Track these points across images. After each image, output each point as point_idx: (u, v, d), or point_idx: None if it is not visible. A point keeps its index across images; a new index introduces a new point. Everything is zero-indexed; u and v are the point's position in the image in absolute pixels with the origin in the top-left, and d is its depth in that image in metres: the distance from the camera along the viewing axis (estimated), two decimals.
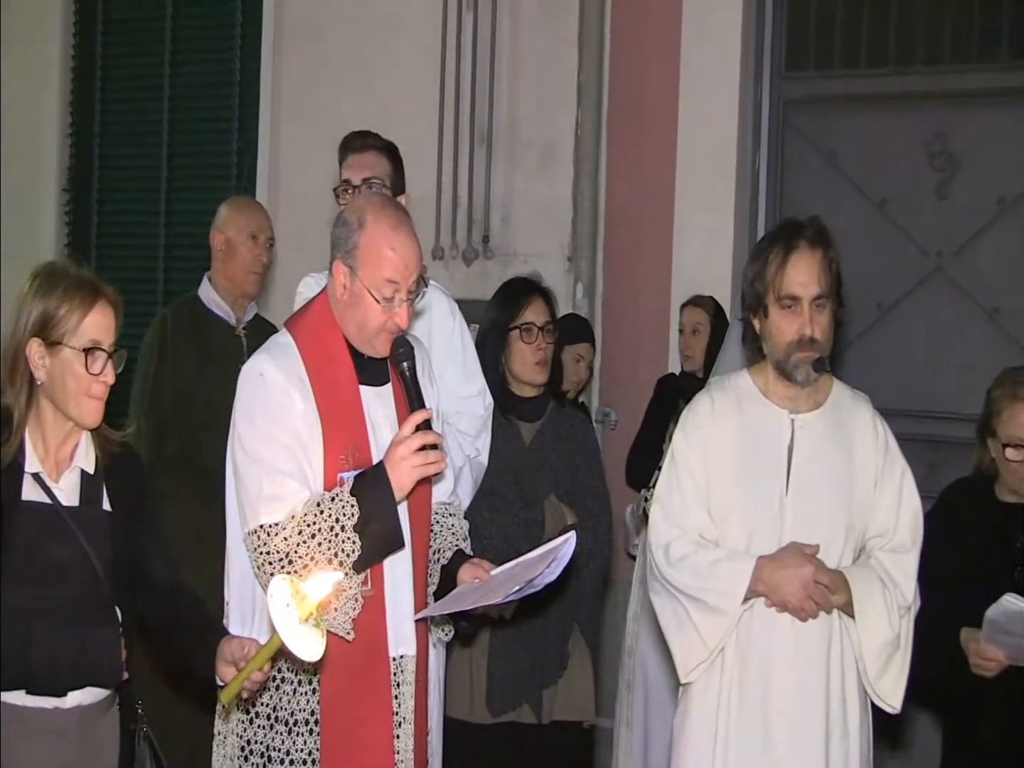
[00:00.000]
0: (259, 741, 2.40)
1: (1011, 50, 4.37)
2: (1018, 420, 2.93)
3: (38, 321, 2.29)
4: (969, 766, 2.98)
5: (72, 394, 2.30)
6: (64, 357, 2.29)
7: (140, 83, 5.70)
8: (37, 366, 2.30)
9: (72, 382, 2.29)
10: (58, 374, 2.30)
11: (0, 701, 2.25)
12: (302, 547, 2.28)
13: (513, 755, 3.20)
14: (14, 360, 2.31)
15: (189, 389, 3.65)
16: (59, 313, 2.28)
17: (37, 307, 2.29)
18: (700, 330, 4.16)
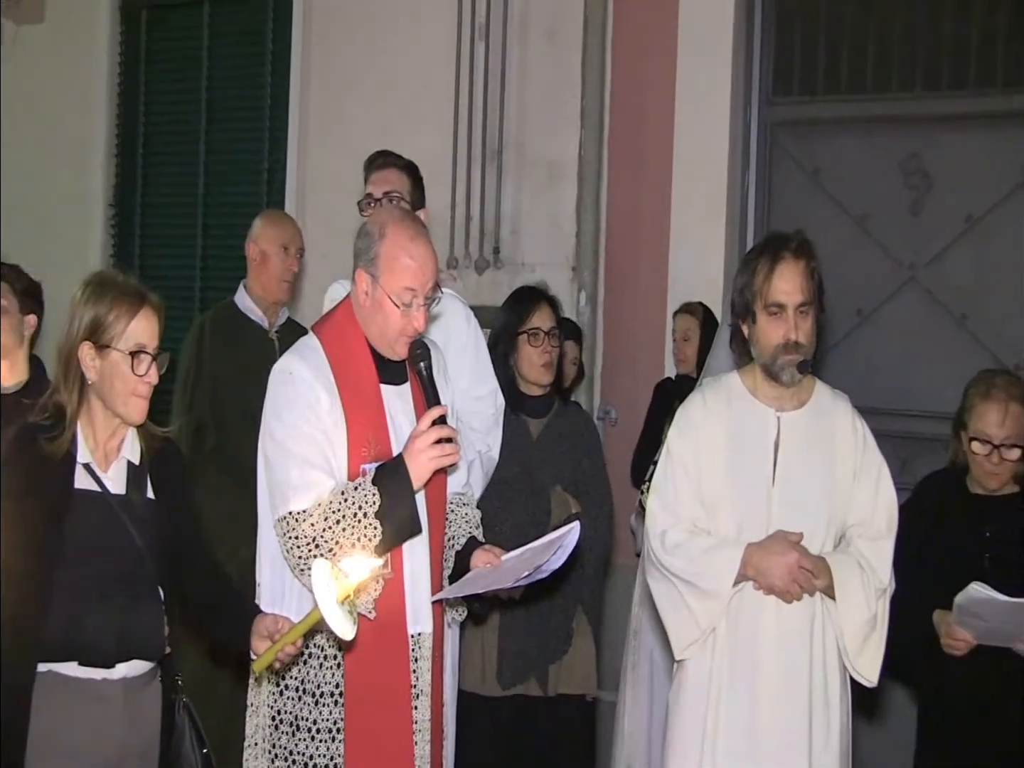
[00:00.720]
0: (288, 711, 2.40)
1: (977, 78, 4.36)
2: (986, 418, 2.92)
3: (89, 326, 2.30)
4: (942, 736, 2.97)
5: (119, 393, 2.31)
6: (112, 359, 2.30)
7: (179, 109, 5.71)
8: (88, 367, 2.31)
9: (119, 382, 2.30)
10: (107, 375, 2.30)
11: (54, 672, 2.26)
12: (328, 532, 2.29)
13: (521, 725, 3.21)
14: (67, 361, 2.32)
15: (226, 388, 3.64)
16: (108, 319, 2.30)
17: (88, 313, 2.31)
18: (691, 336, 4.15)
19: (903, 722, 3.53)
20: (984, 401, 2.94)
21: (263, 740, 2.42)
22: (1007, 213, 4.31)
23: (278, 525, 2.38)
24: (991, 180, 4.31)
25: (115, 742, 2.30)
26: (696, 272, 4.43)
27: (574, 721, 3.28)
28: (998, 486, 2.96)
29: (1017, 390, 2.95)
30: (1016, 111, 4.30)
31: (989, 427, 2.90)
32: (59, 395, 2.32)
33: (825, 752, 2.55)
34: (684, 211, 4.50)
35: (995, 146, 4.32)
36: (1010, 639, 2.80)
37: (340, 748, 2.36)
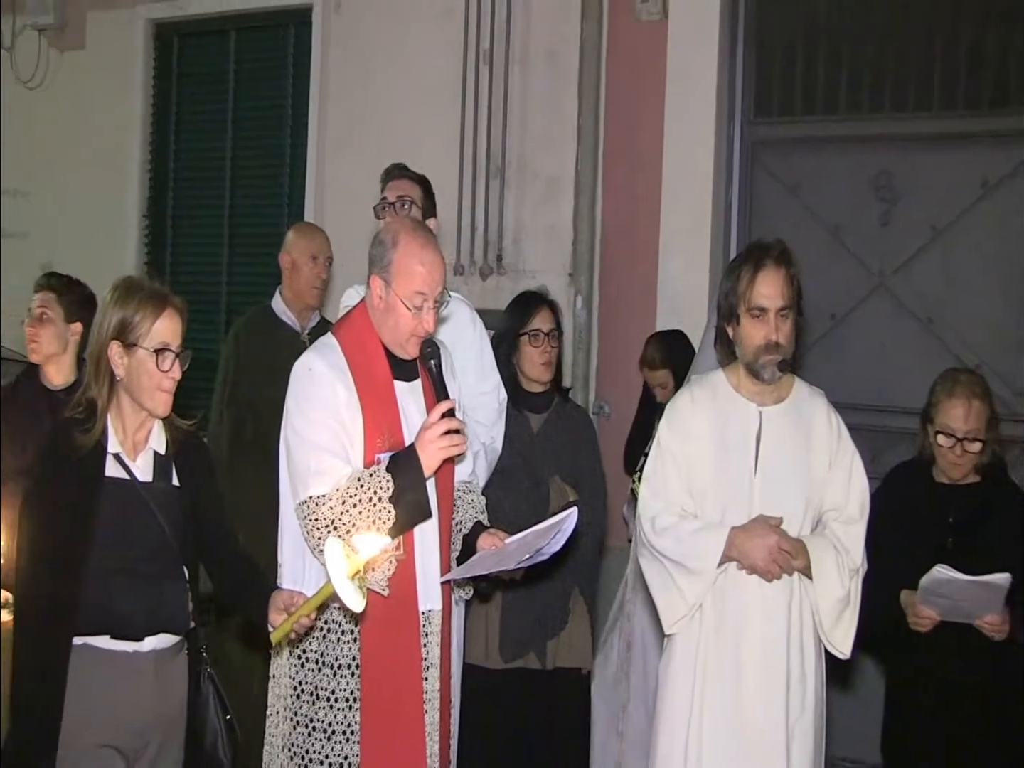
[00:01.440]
0: (308, 682, 2.39)
1: (940, 102, 4.35)
2: (951, 413, 2.91)
3: (117, 326, 2.30)
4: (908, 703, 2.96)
5: (146, 388, 2.31)
6: (139, 357, 2.30)
7: (207, 127, 5.68)
8: (117, 364, 2.31)
9: (146, 378, 2.30)
10: (134, 371, 2.31)
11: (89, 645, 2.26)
12: (345, 515, 2.28)
13: (521, 696, 3.19)
14: (98, 360, 2.32)
15: (262, 385, 3.60)
16: (134, 319, 2.30)
17: (117, 315, 2.31)
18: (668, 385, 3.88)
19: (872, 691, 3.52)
20: (949, 398, 2.93)
21: (284, 708, 2.41)
22: (968, 224, 4.30)
23: (299, 509, 2.37)
24: (953, 194, 4.30)
25: (146, 709, 2.30)
26: (683, 278, 4.41)
27: (570, 692, 3.27)
28: (961, 476, 2.95)
29: (979, 388, 2.94)
30: (975, 132, 4.29)
31: (954, 422, 2.90)
32: (91, 391, 2.32)
33: (802, 717, 2.55)
34: (672, 222, 4.48)
35: (957, 163, 4.30)
36: (970, 616, 2.79)
37: (356, 716, 2.34)
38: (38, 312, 3.10)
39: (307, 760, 2.36)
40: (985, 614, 2.77)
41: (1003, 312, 4.23)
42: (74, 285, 3.19)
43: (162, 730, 2.34)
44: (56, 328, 3.11)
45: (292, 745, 2.38)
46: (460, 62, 4.83)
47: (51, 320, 3.10)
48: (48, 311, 3.10)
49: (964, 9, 4.30)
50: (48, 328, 3.09)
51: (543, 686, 3.20)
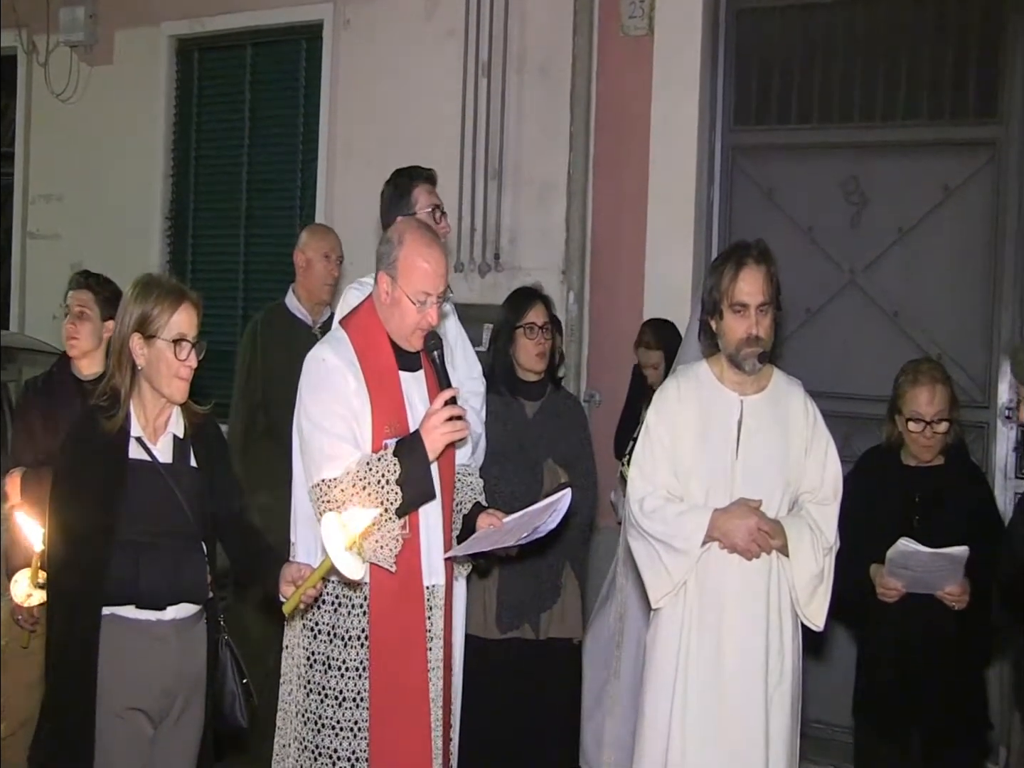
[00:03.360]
0: (321, 652, 2.36)
1: (906, 111, 4.31)
2: (918, 399, 2.89)
3: (138, 320, 2.29)
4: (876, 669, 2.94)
5: (164, 376, 2.29)
6: (158, 347, 2.28)
7: (226, 135, 5.61)
8: (138, 355, 2.29)
9: (164, 366, 2.29)
10: (153, 360, 2.29)
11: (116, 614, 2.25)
12: (355, 497, 2.23)
13: (517, 663, 3.16)
14: (120, 351, 2.31)
15: (277, 377, 3.56)
16: (153, 313, 2.28)
17: (137, 309, 2.30)
18: (659, 366, 3.90)
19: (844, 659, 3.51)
20: (914, 386, 2.91)
21: (298, 677, 2.37)
22: (931, 225, 4.27)
23: (312, 491, 2.33)
24: (918, 197, 4.28)
25: (169, 673, 2.30)
26: (669, 275, 4.38)
27: (562, 661, 3.24)
28: (931, 457, 2.93)
29: (940, 373, 2.93)
30: (938, 140, 4.26)
31: (921, 407, 2.88)
32: (115, 380, 2.31)
33: (780, 685, 2.53)
34: (658, 223, 4.45)
35: (921, 169, 4.28)
36: (933, 587, 2.78)
37: (366, 684, 2.31)
38: (78, 310, 3.05)
39: (319, 725, 2.33)
40: (946, 585, 2.75)
41: (963, 307, 4.21)
42: (107, 283, 3.14)
43: (184, 692, 2.33)
44: (93, 325, 3.07)
45: (305, 711, 2.35)
46: (460, 74, 4.79)
47: (89, 318, 3.06)
48: (87, 309, 3.06)
49: (926, 26, 4.28)
50: (87, 325, 3.05)
51: (537, 655, 3.17)
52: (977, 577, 2.73)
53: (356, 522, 1.94)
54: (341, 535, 1.92)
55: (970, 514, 2.85)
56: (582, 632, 3.32)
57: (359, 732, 2.30)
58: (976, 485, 2.98)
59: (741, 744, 2.47)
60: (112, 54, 5.76)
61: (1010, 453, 4.10)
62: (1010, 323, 4.13)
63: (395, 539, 2.27)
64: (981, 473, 3.10)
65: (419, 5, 4.94)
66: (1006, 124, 4.15)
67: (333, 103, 5.17)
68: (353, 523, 1.94)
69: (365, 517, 1.95)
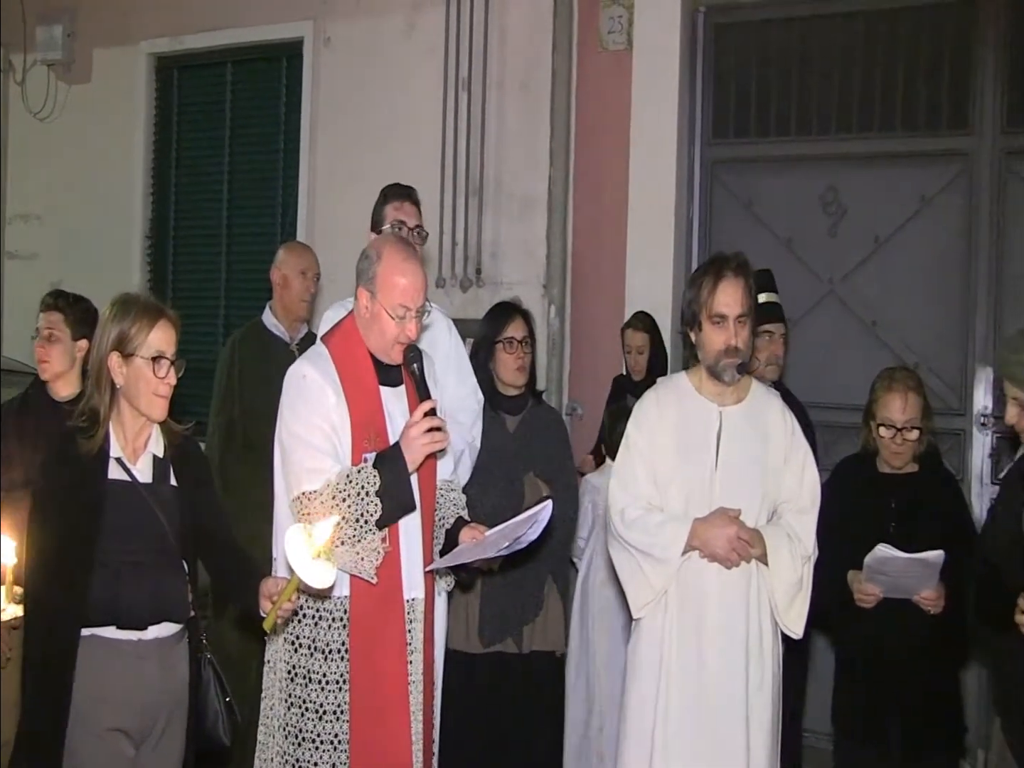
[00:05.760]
0: (302, 665, 2.37)
1: (881, 123, 4.39)
2: (891, 406, 2.92)
3: (116, 338, 2.29)
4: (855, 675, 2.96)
5: (143, 394, 2.30)
6: (136, 365, 2.29)
7: (206, 154, 5.64)
8: (116, 374, 2.30)
9: (143, 384, 2.29)
10: (132, 379, 2.30)
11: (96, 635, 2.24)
12: (335, 509, 2.25)
13: (499, 677, 3.17)
14: (99, 370, 2.31)
15: (254, 393, 3.58)
16: (131, 331, 2.29)
17: (115, 328, 2.30)
18: (644, 349, 4.06)
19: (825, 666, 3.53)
20: (888, 393, 2.94)
21: (280, 691, 2.39)
22: (908, 235, 4.34)
23: (293, 504, 2.35)
24: (894, 208, 4.35)
25: (151, 692, 2.29)
26: (649, 288, 4.42)
27: (545, 674, 3.25)
28: (902, 464, 2.96)
29: (913, 381, 2.97)
30: (913, 151, 4.34)
31: (894, 413, 2.91)
32: (93, 400, 2.31)
33: (760, 691, 2.55)
34: (638, 236, 4.50)
35: (897, 180, 4.35)
36: (909, 592, 2.81)
37: (346, 697, 2.33)
38: (47, 333, 3.05)
39: (300, 739, 2.34)
40: (922, 590, 2.78)
41: (940, 315, 4.27)
42: (79, 303, 3.14)
43: (166, 712, 2.33)
44: (64, 346, 3.06)
45: (287, 725, 2.37)
46: (441, 91, 4.84)
47: (59, 339, 3.06)
48: (56, 331, 3.05)
49: (900, 41, 4.36)
50: (57, 347, 3.05)
51: (520, 668, 3.18)
52: (951, 581, 2.76)
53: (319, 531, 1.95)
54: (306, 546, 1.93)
55: (944, 520, 2.88)
56: (565, 645, 3.33)
57: (339, 745, 2.32)
58: (949, 492, 3.01)
59: (722, 749, 2.50)
60: (90, 72, 5.79)
61: (986, 460, 4.16)
62: (984, 331, 4.19)
63: (376, 551, 2.29)
64: (954, 479, 3.13)
65: (399, 23, 4.99)
66: (978, 135, 4.23)
67: (314, 121, 5.21)
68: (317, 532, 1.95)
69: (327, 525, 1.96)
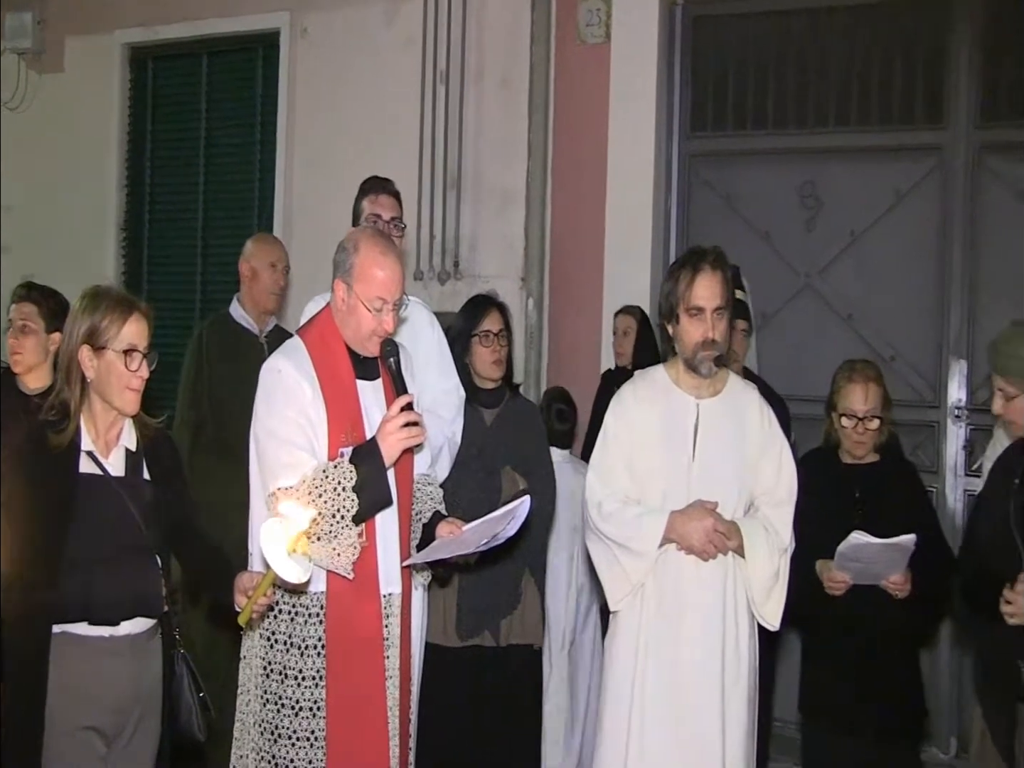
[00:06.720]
0: (278, 661, 2.35)
1: (858, 117, 4.42)
2: (852, 396, 2.96)
3: (87, 332, 2.27)
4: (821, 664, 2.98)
5: (115, 387, 2.28)
6: (108, 358, 2.27)
7: (181, 145, 5.59)
8: (87, 367, 2.27)
9: (115, 378, 2.27)
10: (104, 372, 2.27)
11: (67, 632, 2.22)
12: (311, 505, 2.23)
13: (477, 671, 3.16)
14: (69, 364, 2.29)
15: (223, 386, 3.57)
16: (103, 324, 2.27)
17: (86, 321, 2.28)
18: (630, 332, 4.13)
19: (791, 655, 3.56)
20: (848, 383, 2.98)
21: (255, 687, 2.37)
22: (884, 229, 4.37)
23: (268, 500, 2.33)
24: (870, 202, 4.38)
25: (124, 689, 2.27)
26: (627, 281, 4.43)
27: (522, 667, 3.23)
28: (864, 453, 3.00)
29: (873, 372, 3.01)
30: (889, 145, 4.37)
31: (855, 403, 2.94)
32: (64, 394, 2.29)
33: (736, 684, 2.56)
34: (617, 229, 4.50)
35: (873, 174, 4.38)
36: (878, 577, 2.84)
37: (322, 693, 2.31)
38: (20, 324, 3.00)
39: (276, 735, 2.33)
40: (891, 575, 2.82)
41: (915, 308, 4.31)
42: (52, 295, 3.10)
43: (139, 708, 2.31)
44: (38, 339, 3.02)
45: (262, 721, 2.35)
46: (419, 83, 4.83)
47: (33, 331, 3.01)
48: (30, 323, 3.00)
49: (876, 36, 4.38)
50: (31, 339, 3.00)
51: (497, 662, 3.17)
52: (917, 567, 2.80)
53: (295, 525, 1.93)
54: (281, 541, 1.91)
55: (906, 507, 2.93)
56: (542, 638, 3.33)
57: (316, 742, 2.30)
58: (910, 480, 3.06)
59: (698, 742, 2.51)
60: (63, 62, 5.72)
61: (960, 451, 4.20)
62: (958, 324, 4.23)
63: (352, 547, 2.27)
64: (914, 468, 3.18)
65: (377, 14, 4.97)
66: (952, 130, 4.26)
67: (291, 113, 5.17)
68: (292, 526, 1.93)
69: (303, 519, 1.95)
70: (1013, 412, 2.47)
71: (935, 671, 4.13)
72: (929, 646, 4.09)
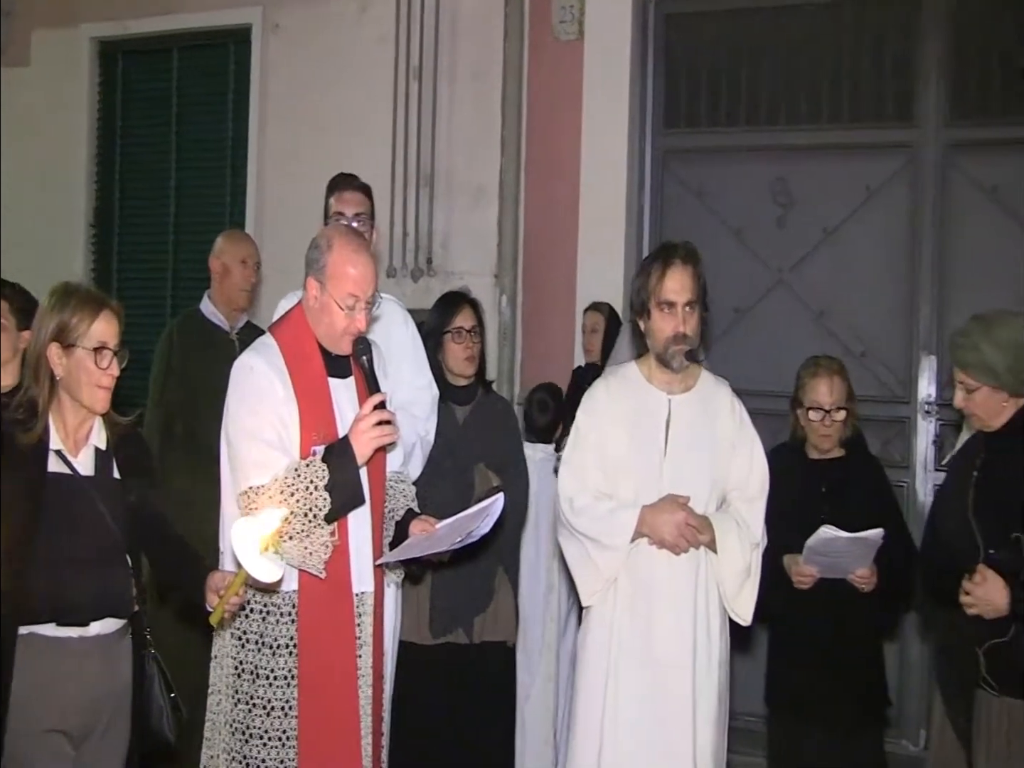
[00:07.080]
0: (249, 661, 2.33)
1: (829, 114, 4.45)
2: (817, 390, 3.01)
3: (55, 329, 2.24)
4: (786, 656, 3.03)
5: (84, 385, 2.25)
6: (77, 356, 2.24)
7: (152, 141, 5.53)
8: (56, 365, 2.25)
9: (84, 376, 2.24)
10: (73, 370, 2.25)
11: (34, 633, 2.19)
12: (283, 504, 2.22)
13: (450, 668, 3.15)
14: (38, 361, 2.26)
15: (193, 383, 3.54)
16: (72, 321, 2.24)
17: (55, 318, 2.25)
18: (598, 329, 4.16)
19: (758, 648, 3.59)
20: (813, 378, 3.03)
21: (227, 687, 2.35)
22: (855, 226, 4.41)
23: (239, 499, 2.31)
24: (842, 199, 4.41)
25: (92, 690, 2.25)
26: (600, 277, 4.45)
27: (496, 664, 3.23)
28: (830, 447, 3.04)
29: (837, 366, 3.06)
30: (860, 143, 4.41)
31: (820, 396, 3.00)
32: (32, 392, 2.26)
33: (707, 677, 2.57)
34: (589, 226, 4.52)
35: (844, 171, 4.42)
36: (845, 571, 2.88)
37: (294, 692, 2.30)
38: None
39: (248, 735, 2.31)
40: (857, 568, 2.86)
41: (887, 304, 4.35)
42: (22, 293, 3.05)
43: (109, 710, 2.28)
44: (9, 335, 2.97)
45: (234, 721, 2.33)
46: (391, 79, 4.81)
47: (7, 328, 2.97)
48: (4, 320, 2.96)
49: (847, 34, 4.42)
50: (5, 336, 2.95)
51: (471, 659, 3.17)
52: (882, 560, 2.86)
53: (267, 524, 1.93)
54: (253, 540, 1.90)
55: (872, 501, 2.99)
56: (515, 635, 3.33)
57: (287, 741, 2.28)
58: (874, 473, 3.11)
59: (670, 735, 2.52)
60: (28, 56, 5.63)
61: (930, 446, 4.25)
62: (928, 320, 4.28)
63: (325, 545, 2.26)
64: (878, 462, 3.23)
65: (350, 10, 4.95)
66: (922, 128, 4.30)
67: (262, 108, 5.14)
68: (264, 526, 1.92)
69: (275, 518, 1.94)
70: (974, 405, 2.51)
71: (904, 665, 4.18)
72: (898, 640, 4.14)
